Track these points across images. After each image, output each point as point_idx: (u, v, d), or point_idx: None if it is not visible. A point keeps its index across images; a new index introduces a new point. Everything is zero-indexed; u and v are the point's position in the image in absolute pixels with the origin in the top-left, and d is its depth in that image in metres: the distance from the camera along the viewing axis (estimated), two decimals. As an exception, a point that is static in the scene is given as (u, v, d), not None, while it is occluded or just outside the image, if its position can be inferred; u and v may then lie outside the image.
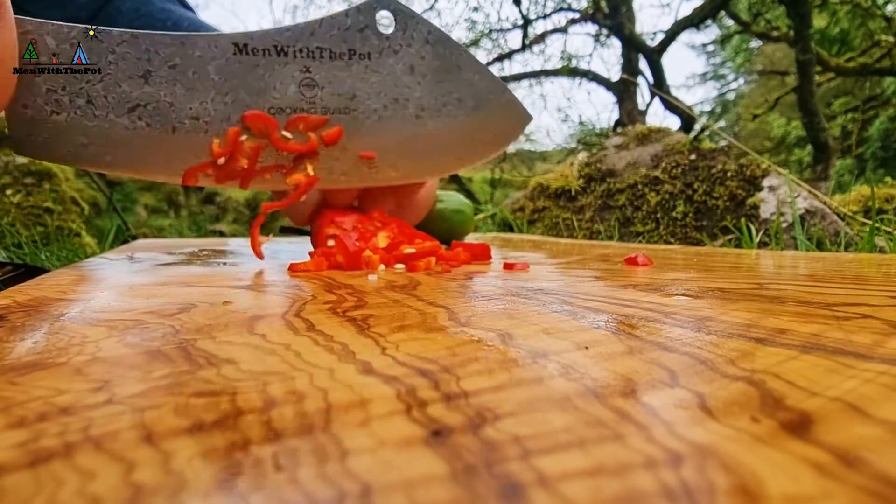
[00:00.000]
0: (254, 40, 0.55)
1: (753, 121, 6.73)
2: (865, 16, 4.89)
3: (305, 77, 0.57)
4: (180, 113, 0.54)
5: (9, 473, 0.15)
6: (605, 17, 4.93)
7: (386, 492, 0.14)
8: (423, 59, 0.60)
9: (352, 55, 0.58)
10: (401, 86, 0.60)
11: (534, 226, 2.05)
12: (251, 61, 0.55)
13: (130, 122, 0.53)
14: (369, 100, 0.60)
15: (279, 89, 0.56)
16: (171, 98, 0.54)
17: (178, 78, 0.53)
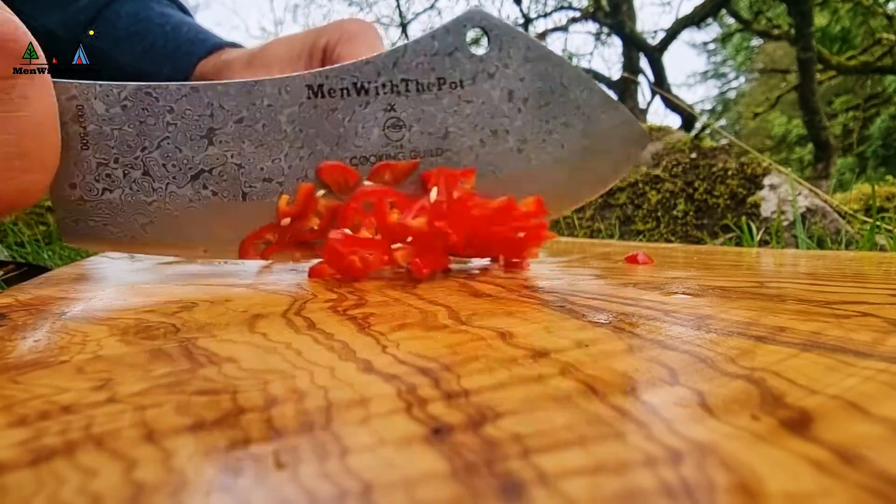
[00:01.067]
0: (329, 80, 0.48)
1: (754, 119, 6.73)
2: (867, 14, 4.89)
3: (390, 117, 0.49)
4: (250, 175, 0.47)
5: (10, 472, 0.15)
6: (605, 16, 4.92)
7: (386, 490, 0.14)
8: (523, 82, 0.52)
9: (441, 85, 0.50)
10: (499, 115, 0.52)
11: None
12: (328, 105, 0.48)
13: (194, 192, 0.46)
14: (464, 136, 0.52)
15: (361, 135, 0.49)
16: (239, 159, 0.47)
17: (246, 133, 0.47)
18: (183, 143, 0.45)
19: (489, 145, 0.53)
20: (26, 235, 1.80)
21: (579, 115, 0.55)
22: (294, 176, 0.48)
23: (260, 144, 0.47)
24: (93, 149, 0.43)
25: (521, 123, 0.53)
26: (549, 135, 0.54)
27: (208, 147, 0.46)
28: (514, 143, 0.53)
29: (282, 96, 0.47)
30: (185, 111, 0.45)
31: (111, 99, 0.43)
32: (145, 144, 0.44)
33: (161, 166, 0.45)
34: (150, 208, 0.45)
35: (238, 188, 0.47)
